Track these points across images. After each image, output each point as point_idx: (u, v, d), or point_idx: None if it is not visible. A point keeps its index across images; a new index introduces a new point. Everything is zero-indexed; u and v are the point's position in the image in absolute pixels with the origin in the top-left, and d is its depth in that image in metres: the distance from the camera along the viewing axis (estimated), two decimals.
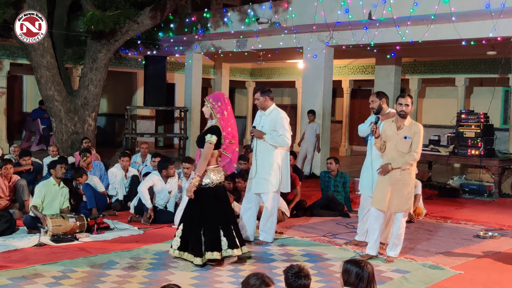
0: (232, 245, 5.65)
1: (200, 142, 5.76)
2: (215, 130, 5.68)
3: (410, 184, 5.89)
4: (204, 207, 5.67)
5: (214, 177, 5.71)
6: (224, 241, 5.63)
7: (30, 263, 5.59)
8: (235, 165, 6.51)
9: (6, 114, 15.26)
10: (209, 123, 5.86)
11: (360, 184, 6.83)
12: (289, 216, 7.86)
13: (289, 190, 7.02)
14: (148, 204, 7.65)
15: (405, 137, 5.84)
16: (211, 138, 5.63)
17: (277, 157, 6.57)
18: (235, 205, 7.55)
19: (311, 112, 12.56)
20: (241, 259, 5.82)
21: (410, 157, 5.83)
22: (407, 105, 5.85)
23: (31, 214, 7.08)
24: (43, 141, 15.42)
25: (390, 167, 5.84)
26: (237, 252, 5.68)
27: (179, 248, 5.69)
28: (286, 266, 3.67)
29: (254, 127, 6.68)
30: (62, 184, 7.40)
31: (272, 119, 6.57)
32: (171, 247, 5.78)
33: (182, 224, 5.76)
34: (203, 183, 5.67)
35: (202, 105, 6.68)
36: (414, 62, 16.74)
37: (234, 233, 5.73)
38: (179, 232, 5.74)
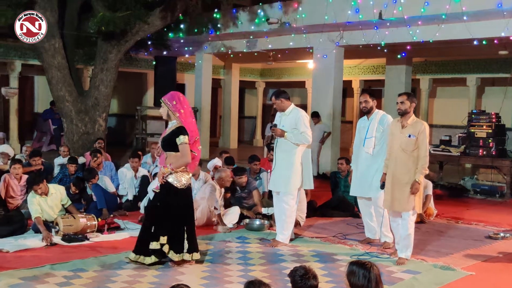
0: (192, 249, 5.63)
1: (170, 145, 5.56)
2: (184, 130, 5.52)
3: (411, 182, 5.85)
4: (178, 208, 5.63)
5: (184, 179, 5.61)
6: (186, 244, 5.60)
7: (41, 263, 5.62)
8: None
9: (17, 115, 15.38)
10: (170, 124, 5.71)
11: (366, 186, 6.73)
12: (301, 225, 7.62)
13: (312, 187, 6.99)
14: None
15: (409, 136, 5.88)
16: (185, 139, 5.47)
17: (298, 155, 6.58)
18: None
19: (315, 115, 12.47)
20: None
21: (422, 162, 5.83)
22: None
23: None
24: (54, 142, 15.51)
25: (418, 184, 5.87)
26: (195, 256, 5.65)
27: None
28: (291, 269, 3.62)
29: (275, 125, 6.68)
30: (51, 190, 7.12)
31: (292, 118, 6.58)
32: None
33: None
34: (178, 186, 5.57)
35: (211, 106, 6.67)
36: (425, 62, 16.65)
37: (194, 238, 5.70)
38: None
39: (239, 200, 8.18)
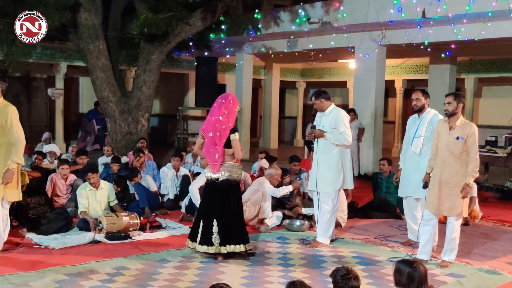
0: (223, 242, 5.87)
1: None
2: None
3: (459, 185, 5.69)
4: (203, 200, 6.31)
5: (208, 174, 6.07)
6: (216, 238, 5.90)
7: (85, 260, 5.75)
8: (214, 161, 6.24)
9: (63, 115, 15.78)
10: None
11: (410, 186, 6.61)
12: (342, 226, 7.60)
13: (352, 187, 6.93)
14: (198, 204, 7.70)
15: (457, 138, 5.70)
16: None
17: (338, 155, 6.53)
18: None
19: (352, 111, 12.35)
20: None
21: (472, 165, 5.65)
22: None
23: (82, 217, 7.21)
24: (98, 141, 15.83)
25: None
26: (211, 249, 5.85)
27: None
28: (332, 270, 3.62)
29: (314, 127, 6.65)
30: (102, 185, 7.40)
31: (332, 118, 6.54)
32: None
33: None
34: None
35: (252, 106, 7.01)
36: (470, 61, 16.27)
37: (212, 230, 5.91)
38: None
39: (281, 201, 8.17)
